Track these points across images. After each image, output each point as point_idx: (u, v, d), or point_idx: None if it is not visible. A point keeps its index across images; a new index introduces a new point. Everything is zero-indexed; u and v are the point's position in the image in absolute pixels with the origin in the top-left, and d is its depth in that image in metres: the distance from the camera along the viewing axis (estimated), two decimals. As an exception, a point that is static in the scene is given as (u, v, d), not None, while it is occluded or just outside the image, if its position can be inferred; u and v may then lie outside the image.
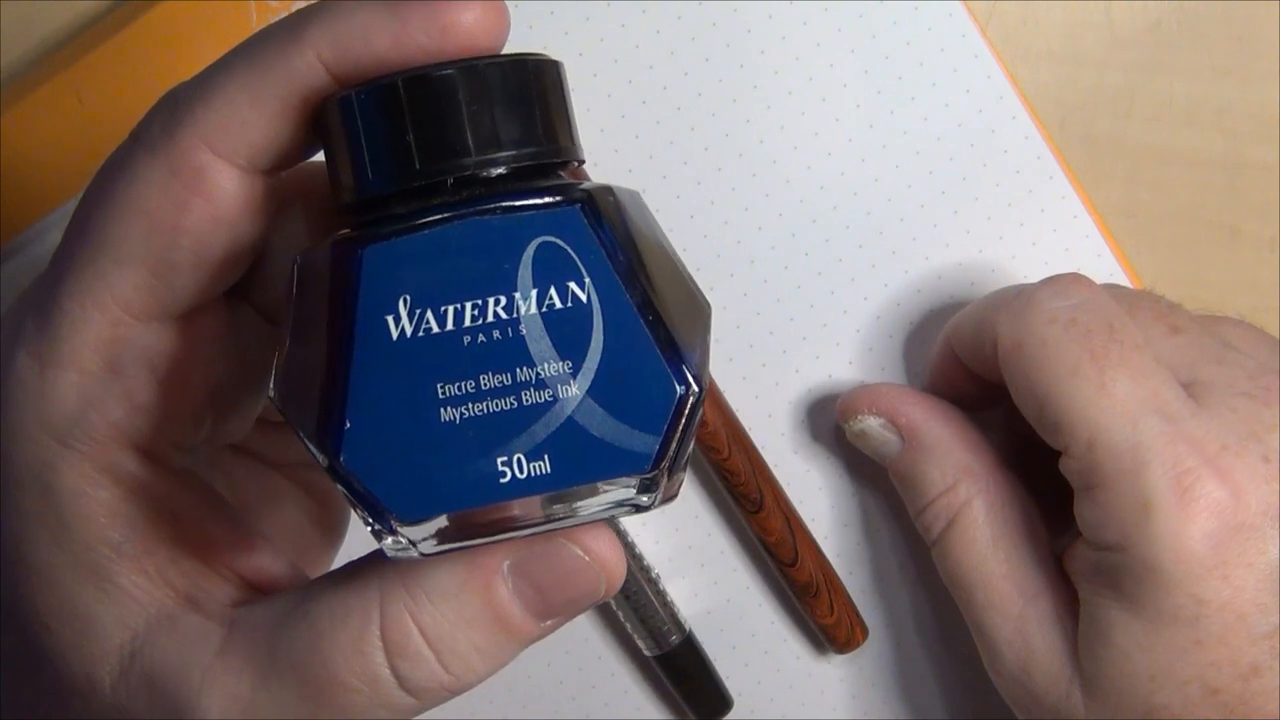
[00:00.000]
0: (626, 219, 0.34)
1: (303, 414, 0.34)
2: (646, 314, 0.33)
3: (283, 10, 0.51)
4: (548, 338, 0.33)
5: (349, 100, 0.34)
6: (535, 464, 0.33)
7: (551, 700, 0.55)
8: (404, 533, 0.33)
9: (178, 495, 0.39)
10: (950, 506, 0.50)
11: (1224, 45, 0.56)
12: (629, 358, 0.33)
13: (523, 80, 0.34)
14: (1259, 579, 0.44)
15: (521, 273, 0.33)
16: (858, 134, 0.54)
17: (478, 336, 0.33)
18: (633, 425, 0.33)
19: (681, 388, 0.33)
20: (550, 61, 0.35)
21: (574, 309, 0.33)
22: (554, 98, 0.35)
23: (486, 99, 0.34)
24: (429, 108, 0.34)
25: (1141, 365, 0.45)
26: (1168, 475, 0.44)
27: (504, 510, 0.34)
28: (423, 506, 0.33)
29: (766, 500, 0.53)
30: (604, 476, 0.34)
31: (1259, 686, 0.44)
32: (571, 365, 0.33)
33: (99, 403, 0.37)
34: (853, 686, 0.56)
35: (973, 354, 0.50)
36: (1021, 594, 0.48)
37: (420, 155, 0.34)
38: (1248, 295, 0.56)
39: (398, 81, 0.34)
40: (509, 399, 0.33)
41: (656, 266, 0.34)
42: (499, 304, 0.33)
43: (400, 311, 0.33)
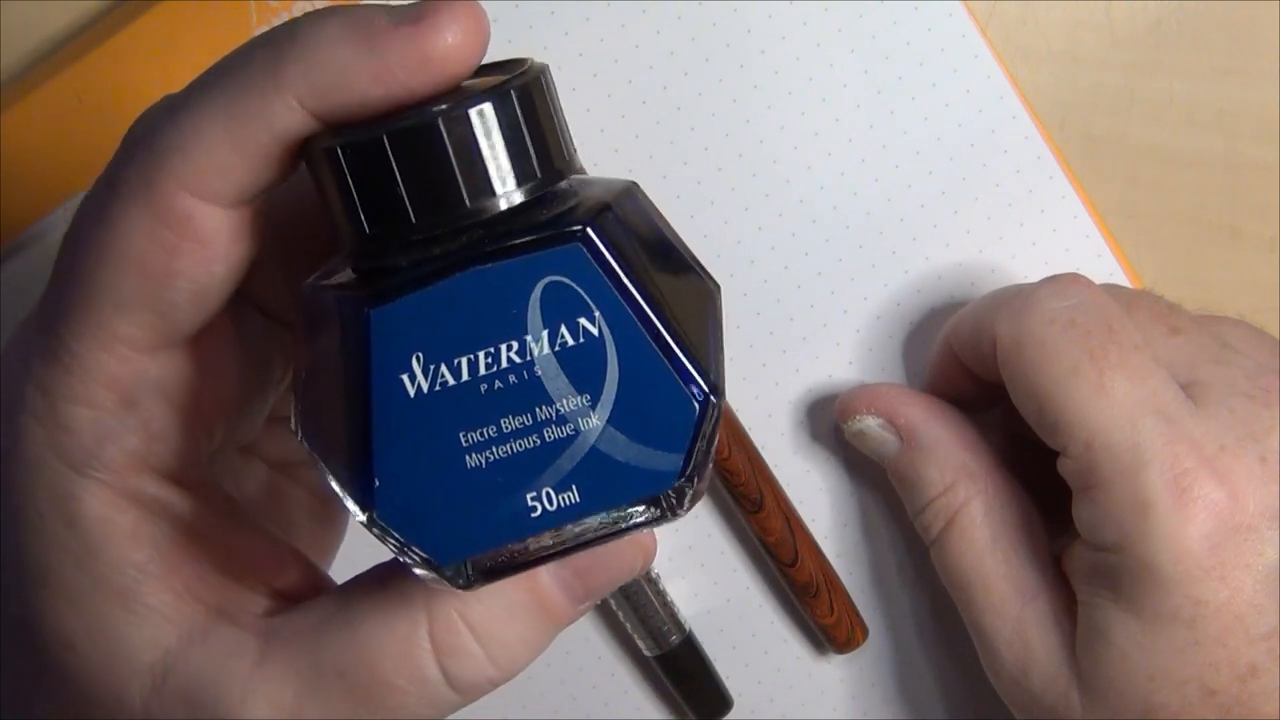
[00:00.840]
0: (627, 234, 0.34)
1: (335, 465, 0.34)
2: (658, 338, 0.33)
3: (282, 10, 0.51)
4: (564, 375, 0.33)
5: (334, 152, 0.34)
6: (564, 495, 0.33)
7: (551, 700, 0.55)
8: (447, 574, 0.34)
9: (199, 511, 0.39)
10: (949, 507, 0.50)
11: (1224, 45, 0.56)
12: (645, 383, 0.33)
13: (508, 114, 0.33)
14: (1257, 580, 0.44)
15: (531, 315, 0.33)
16: (858, 134, 0.54)
17: (494, 383, 0.33)
18: (656, 446, 0.34)
19: (699, 404, 0.33)
20: (534, 80, 0.34)
21: (586, 344, 0.33)
22: (543, 117, 0.34)
23: (475, 143, 0.33)
24: (416, 161, 0.33)
25: (1140, 366, 0.45)
26: (1166, 476, 0.44)
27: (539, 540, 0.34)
28: (460, 549, 0.34)
29: (766, 500, 0.53)
30: (632, 497, 0.34)
31: (1257, 687, 0.44)
32: (590, 398, 0.33)
33: (115, 435, 0.37)
34: (853, 686, 0.56)
35: (972, 354, 0.50)
36: (1020, 594, 0.48)
37: (414, 209, 0.33)
38: (1248, 295, 0.56)
39: (382, 137, 0.33)
40: (532, 438, 0.33)
41: (662, 272, 0.34)
42: (511, 349, 0.33)
43: (414, 369, 0.33)
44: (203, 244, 0.35)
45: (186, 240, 0.35)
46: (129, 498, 0.37)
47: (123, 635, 0.37)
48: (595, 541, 0.34)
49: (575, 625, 0.54)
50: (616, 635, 0.55)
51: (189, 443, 0.38)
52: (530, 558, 0.34)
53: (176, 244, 0.35)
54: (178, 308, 0.36)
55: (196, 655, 0.37)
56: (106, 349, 0.36)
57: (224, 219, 0.35)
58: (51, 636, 0.38)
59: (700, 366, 0.34)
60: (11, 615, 0.39)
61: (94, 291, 0.36)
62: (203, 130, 0.35)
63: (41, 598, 0.38)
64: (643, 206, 0.36)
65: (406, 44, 0.33)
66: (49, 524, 0.37)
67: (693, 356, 0.33)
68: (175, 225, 0.35)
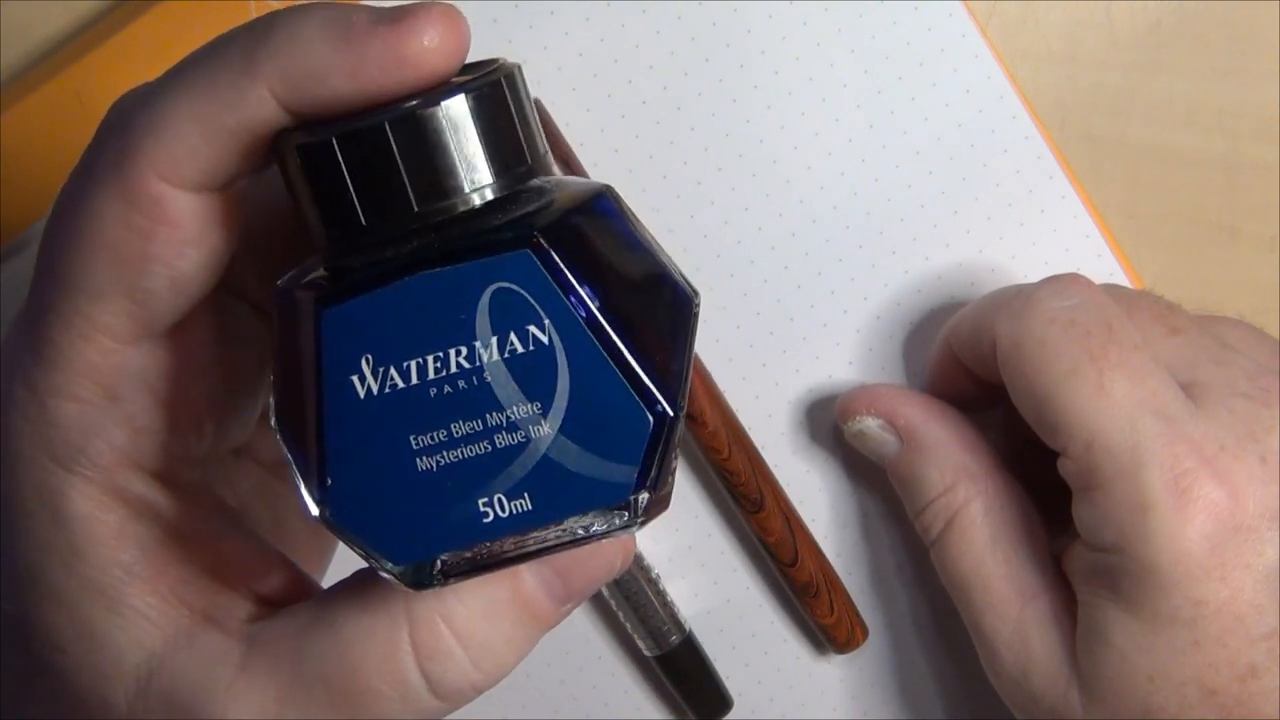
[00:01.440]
0: (585, 243, 0.34)
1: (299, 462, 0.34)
2: (612, 350, 0.33)
3: (282, 10, 0.51)
4: (514, 382, 0.33)
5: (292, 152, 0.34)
6: (516, 502, 0.33)
7: (551, 700, 0.55)
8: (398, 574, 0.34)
9: (187, 513, 0.39)
10: (949, 507, 0.50)
11: (1224, 45, 0.56)
12: (598, 394, 0.33)
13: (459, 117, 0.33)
14: (1257, 580, 0.44)
15: (479, 321, 0.33)
16: (858, 134, 0.54)
17: (444, 387, 0.33)
18: (609, 458, 0.33)
19: (653, 418, 0.33)
20: (493, 82, 0.34)
21: (536, 352, 0.33)
22: (502, 119, 0.34)
23: (422, 146, 0.33)
24: (366, 163, 0.33)
25: (1140, 366, 0.45)
26: (1166, 476, 0.44)
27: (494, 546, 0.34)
28: (412, 552, 0.34)
29: (766, 500, 0.53)
30: (585, 508, 0.34)
31: (1256, 688, 0.44)
32: (541, 406, 0.33)
33: (101, 429, 0.37)
34: (853, 686, 0.56)
35: (972, 354, 0.50)
36: (1020, 595, 0.48)
37: (363, 212, 0.33)
38: (1248, 295, 0.56)
39: (331, 139, 0.33)
40: (482, 443, 0.33)
41: (626, 280, 0.34)
42: (460, 354, 0.33)
43: (364, 370, 0.33)
44: (176, 227, 0.35)
45: (159, 224, 0.35)
46: (115, 495, 0.37)
47: (108, 636, 0.37)
48: (560, 547, 0.34)
49: (575, 625, 0.54)
50: (616, 635, 0.55)
51: (176, 439, 0.38)
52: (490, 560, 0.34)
53: (150, 228, 0.35)
54: (155, 295, 0.36)
55: (180, 659, 0.37)
56: (86, 339, 0.36)
57: (197, 203, 0.35)
58: (43, 637, 0.38)
59: (657, 380, 0.33)
60: (8, 615, 0.39)
61: (71, 280, 0.36)
62: (175, 115, 0.35)
63: (32, 598, 0.38)
64: (613, 211, 0.36)
65: (383, 44, 0.33)
66: (37, 523, 0.37)
67: (650, 369, 0.33)
68: (147, 209, 0.35)
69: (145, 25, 0.51)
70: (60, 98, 0.51)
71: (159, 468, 0.38)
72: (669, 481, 0.35)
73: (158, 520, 0.38)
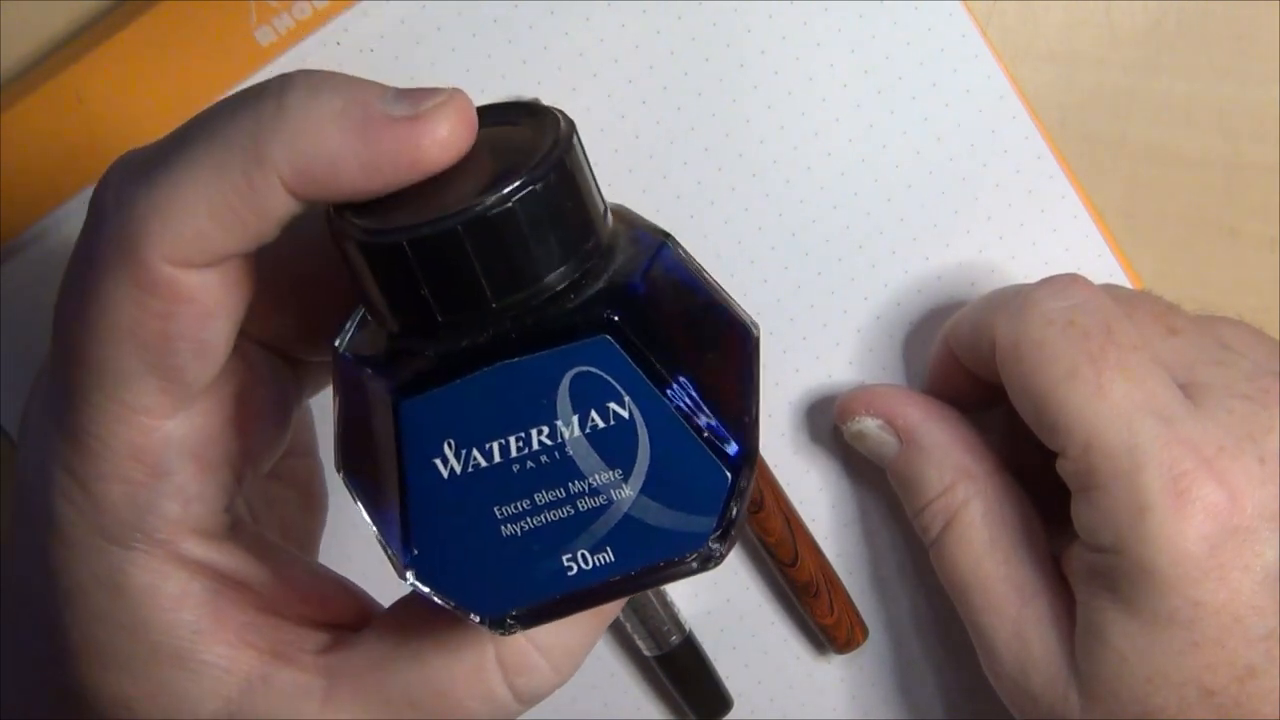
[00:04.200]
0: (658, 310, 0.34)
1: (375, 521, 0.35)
2: (690, 418, 0.33)
3: (282, 10, 0.51)
4: (595, 454, 0.33)
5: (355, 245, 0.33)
6: (599, 555, 0.34)
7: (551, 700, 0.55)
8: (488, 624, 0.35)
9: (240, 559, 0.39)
10: (948, 508, 0.50)
11: (1224, 45, 0.55)
12: (677, 456, 0.33)
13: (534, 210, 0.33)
14: (1255, 581, 0.44)
15: (560, 403, 0.33)
16: (858, 134, 0.54)
17: (526, 464, 0.33)
18: (690, 512, 0.34)
19: (732, 473, 0.34)
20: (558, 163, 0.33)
21: (617, 426, 0.33)
22: (569, 199, 0.34)
23: (499, 246, 0.33)
24: (439, 265, 0.33)
25: (1139, 367, 0.45)
26: (1164, 477, 0.44)
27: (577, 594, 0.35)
28: (498, 605, 0.34)
29: (766, 500, 0.53)
30: (666, 557, 0.34)
31: (1255, 688, 0.44)
32: (622, 472, 0.33)
33: (153, 506, 0.37)
34: (853, 686, 0.56)
35: (971, 354, 0.50)
36: (1019, 595, 0.48)
37: (439, 310, 0.33)
38: (1248, 295, 0.56)
39: (403, 244, 0.32)
40: (565, 509, 0.34)
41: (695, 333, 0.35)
42: (542, 434, 0.33)
43: (446, 454, 0.33)
44: (195, 304, 0.35)
45: (177, 304, 0.35)
46: (173, 562, 0.37)
47: (183, 693, 0.38)
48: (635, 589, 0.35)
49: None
50: (616, 635, 0.55)
51: (224, 495, 0.39)
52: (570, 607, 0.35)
53: (168, 310, 0.35)
54: (184, 369, 0.36)
55: (260, 701, 0.38)
56: (124, 422, 0.36)
57: (211, 277, 0.35)
58: (108, 702, 0.38)
59: (734, 433, 0.34)
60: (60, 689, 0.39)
61: (96, 370, 0.36)
62: (180, 200, 0.34)
63: (94, 670, 0.38)
64: (675, 260, 0.36)
65: (399, 141, 0.33)
66: (95, 600, 0.37)
67: (727, 427, 0.34)
68: (163, 292, 0.35)
69: (145, 25, 0.51)
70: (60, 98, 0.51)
71: (211, 526, 0.38)
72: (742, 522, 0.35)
73: (215, 575, 0.38)
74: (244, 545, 0.39)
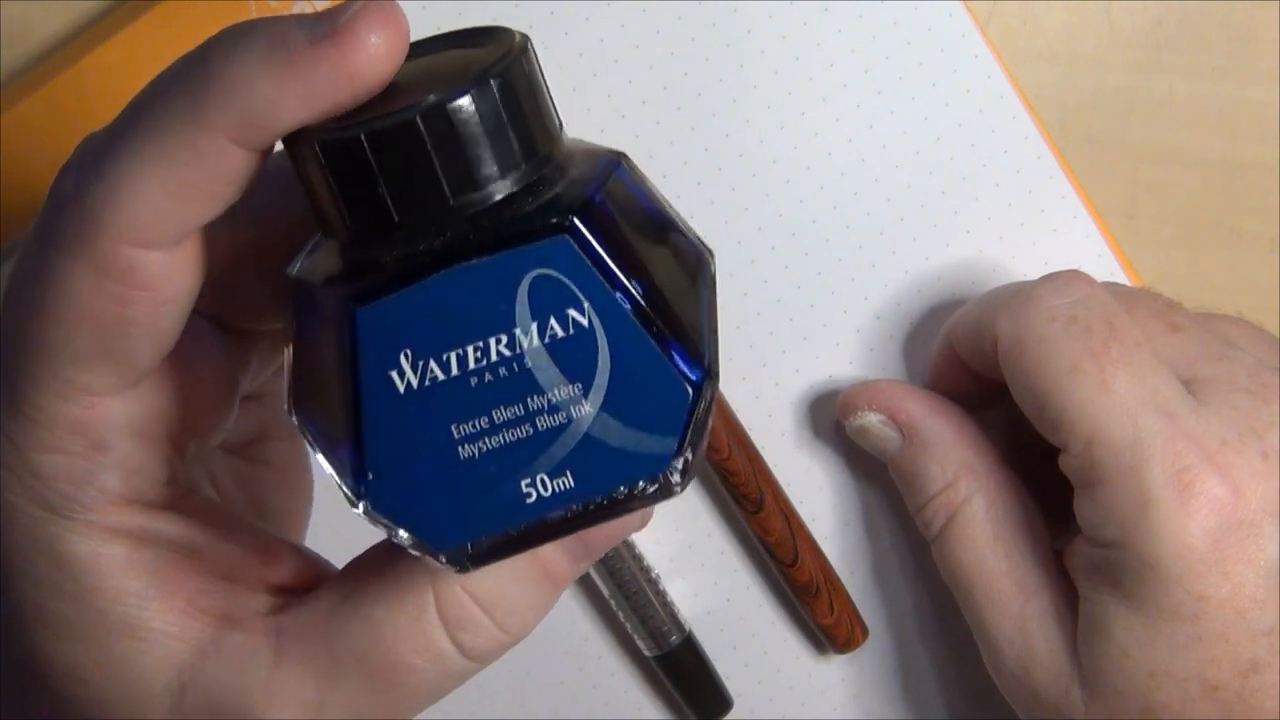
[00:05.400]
0: (615, 219, 0.33)
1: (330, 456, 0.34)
2: (649, 325, 0.33)
3: (282, 10, 0.51)
4: (555, 366, 0.33)
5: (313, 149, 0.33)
6: (558, 481, 0.33)
7: (551, 700, 0.55)
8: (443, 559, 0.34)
9: (188, 526, 0.39)
10: (950, 503, 0.50)
11: (1224, 45, 0.56)
12: (638, 370, 0.33)
13: (489, 105, 0.32)
14: (1258, 576, 0.44)
15: (519, 309, 0.32)
16: (858, 134, 0.54)
17: (484, 376, 0.33)
18: (650, 430, 0.33)
19: (694, 388, 0.33)
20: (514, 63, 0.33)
21: (576, 335, 0.33)
22: (525, 102, 0.33)
23: (456, 138, 0.32)
24: (397, 159, 0.32)
25: (1141, 362, 0.45)
26: (1167, 472, 0.44)
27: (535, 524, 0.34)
28: (456, 536, 0.34)
29: (766, 500, 0.53)
30: (626, 480, 0.34)
31: (1258, 683, 0.44)
32: (581, 387, 0.33)
33: (93, 478, 0.37)
34: (853, 686, 0.56)
35: (973, 352, 0.50)
36: (1021, 591, 0.48)
37: (396, 208, 0.32)
38: (1248, 295, 0.56)
39: (359, 136, 0.32)
40: (524, 427, 0.33)
41: (651, 251, 0.34)
42: (500, 343, 0.32)
43: (404, 365, 0.32)
44: (151, 288, 0.35)
45: (134, 289, 0.35)
46: (115, 532, 0.37)
47: (133, 662, 0.37)
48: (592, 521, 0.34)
49: (575, 625, 0.54)
50: (616, 635, 0.55)
51: (167, 467, 0.38)
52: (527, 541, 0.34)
53: (125, 293, 0.35)
54: (134, 352, 0.36)
55: (211, 666, 0.37)
56: (68, 399, 0.36)
57: (169, 259, 0.35)
58: (60, 673, 0.38)
59: (694, 349, 0.33)
60: (12, 658, 0.39)
61: (47, 349, 0.35)
62: (133, 180, 0.34)
63: (44, 638, 0.38)
64: (631, 179, 0.36)
65: (329, 64, 0.32)
66: (37, 568, 0.37)
67: (686, 339, 0.33)
68: (121, 277, 0.34)
69: (145, 25, 0.51)
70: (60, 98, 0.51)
71: (154, 496, 0.38)
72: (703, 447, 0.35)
73: (161, 543, 0.38)
74: (192, 514, 0.39)
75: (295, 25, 0.33)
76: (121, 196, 0.34)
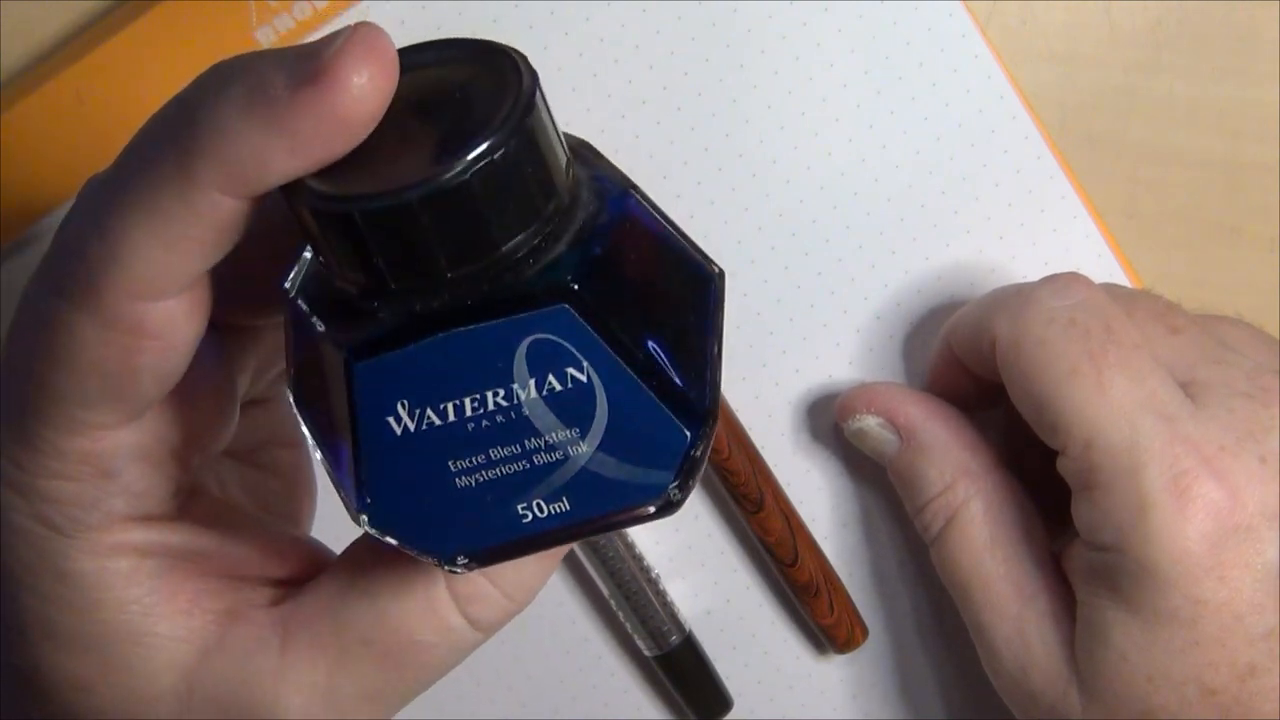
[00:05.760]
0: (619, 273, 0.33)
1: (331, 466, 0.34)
2: (649, 378, 0.33)
3: (282, 11, 0.51)
4: (552, 414, 0.33)
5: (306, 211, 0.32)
6: (554, 505, 0.34)
7: (551, 700, 0.55)
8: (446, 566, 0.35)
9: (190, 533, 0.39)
10: (948, 506, 0.50)
11: (1224, 45, 0.55)
12: (636, 418, 0.33)
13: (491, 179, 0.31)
14: (1256, 580, 0.44)
15: (517, 368, 0.32)
16: (858, 134, 0.54)
17: (481, 423, 0.33)
18: (647, 466, 0.34)
19: (691, 433, 0.33)
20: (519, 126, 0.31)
21: (575, 389, 0.33)
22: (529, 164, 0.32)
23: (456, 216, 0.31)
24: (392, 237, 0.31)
25: (1139, 366, 0.45)
26: (1165, 476, 0.44)
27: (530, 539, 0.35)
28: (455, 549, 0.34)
29: (766, 500, 0.53)
30: (621, 507, 0.34)
31: (1256, 687, 0.44)
32: (579, 431, 0.33)
33: (99, 502, 0.37)
34: (853, 686, 0.56)
35: (971, 353, 0.50)
36: (1019, 594, 0.48)
37: (392, 277, 0.32)
38: (1248, 295, 0.56)
39: (353, 213, 0.31)
40: (521, 463, 0.33)
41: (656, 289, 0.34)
42: (498, 395, 0.32)
43: (400, 413, 0.32)
44: (160, 338, 0.35)
45: (143, 339, 0.34)
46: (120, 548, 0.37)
47: (137, 668, 0.38)
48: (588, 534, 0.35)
49: (575, 625, 0.55)
50: (616, 635, 0.55)
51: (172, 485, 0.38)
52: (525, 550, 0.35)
53: (133, 344, 0.34)
54: (143, 392, 0.36)
55: (218, 663, 0.38)
56: (77, 434, 0.36)
57: (177, 305, 0.34)
58: (63, 683, 0.38)
59: (695, 394, 0.33)
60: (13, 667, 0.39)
61: (56, 394, 0.35)
62: (131, 237, 0.33)
63: (47, 649, 0.38)
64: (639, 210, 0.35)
65: (312, 113, 0.31)
66: (43, 582, 0.37)
67: (688, 384, 0.33)
68: (129, 330, 0.34)
69: (145, 25, 0.51)
70: (60, 98, 0.51)
71: (159, 512, 0.38)
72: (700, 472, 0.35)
73: (165, 552, 0.38)
74: (196, 518, 0.39)
75: (276, 67, 0.32)
76: (121, 255, 0.33)
